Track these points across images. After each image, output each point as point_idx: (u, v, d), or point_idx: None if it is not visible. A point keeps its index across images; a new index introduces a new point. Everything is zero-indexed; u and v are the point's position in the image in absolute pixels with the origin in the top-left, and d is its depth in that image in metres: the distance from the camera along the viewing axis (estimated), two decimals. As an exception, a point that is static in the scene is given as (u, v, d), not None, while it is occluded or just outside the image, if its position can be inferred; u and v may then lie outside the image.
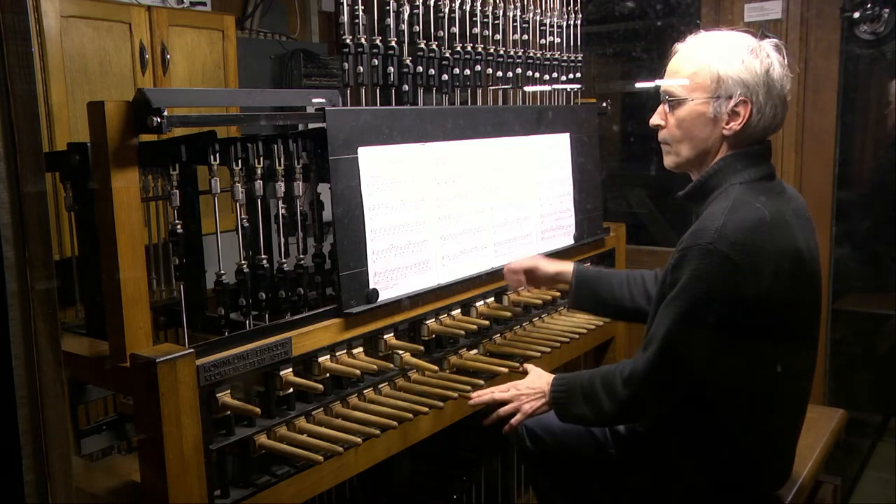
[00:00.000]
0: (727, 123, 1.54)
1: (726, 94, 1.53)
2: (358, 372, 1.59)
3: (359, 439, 1.50)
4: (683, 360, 1.50)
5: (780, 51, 1.56)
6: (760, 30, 3.19)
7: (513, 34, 2.19)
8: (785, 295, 1.48)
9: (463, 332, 1.92)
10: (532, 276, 1.97)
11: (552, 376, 1.71)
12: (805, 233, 1.55)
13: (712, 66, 1.54)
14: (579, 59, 2.48)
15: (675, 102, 1.59)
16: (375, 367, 1.62)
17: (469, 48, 2.02)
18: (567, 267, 1.95)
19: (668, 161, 1.66)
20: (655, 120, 1.65)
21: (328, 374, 1.60)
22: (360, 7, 1.72)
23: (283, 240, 1.63)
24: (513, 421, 1.69)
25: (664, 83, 1.63)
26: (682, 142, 1.61)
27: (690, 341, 1.48)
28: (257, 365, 1.46)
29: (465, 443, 2.39)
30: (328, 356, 1.60)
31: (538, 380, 1.73)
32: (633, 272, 1.98)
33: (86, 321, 1.61)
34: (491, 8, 2.09)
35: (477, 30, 2.04)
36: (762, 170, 1.57)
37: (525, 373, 1.80)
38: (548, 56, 2.34)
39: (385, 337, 1.73)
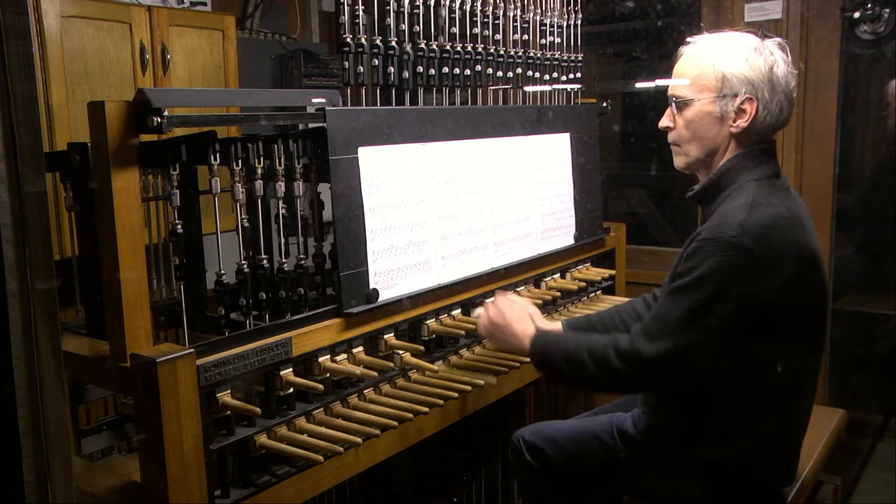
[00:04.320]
0: (734, 121, 1.56)
1: (731, 92, 1.54)
2: (358, 372, 1.59)
3: (359, 439, 1.50)
4: (693, 350, 1.48)
5: (783, 49, 1.58)
6: (761, 30, 3.20)
7: (513, 34, 2.19)
8: (800, 293, 1.49)
9: (463, 332, 1.92)
10: None
11: (534, 331, 1.72)
12: (813, 232, 1.56)
13: (716, 66, 1.55)
14: (579, 59, 2.48)
15: (682, 104, 1.61)
16: (376, 374, 1.62)
17: (469, 48, 2.02)
18: (554, 325, 1.94)
19: (678, 162, 1.68)
20: (664, 122, 1.68)
21: (328, 374, 1.60)
22: (361, 7, 1.72)
23: (283, 240, 1.63)
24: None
25: (671, 83, 1.65)
26: (690, 142, 1.63)
27: (703, 333, 1.47)
28: (257, 365, 1.46)
29: (465, 443, 2.39)
30: (328, 356, 1.60)
31: (518, 324, 1.74)
32: (621, 304, 1.99)
33: (86, 321, 1.61)
34: (491, 8, 2.09)
35: (477, 30, 2.04)
36: (771, 167, 1.59)
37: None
38: (548, 56, 2.34)
39: (385, 337, 1.73)
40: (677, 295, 1.49)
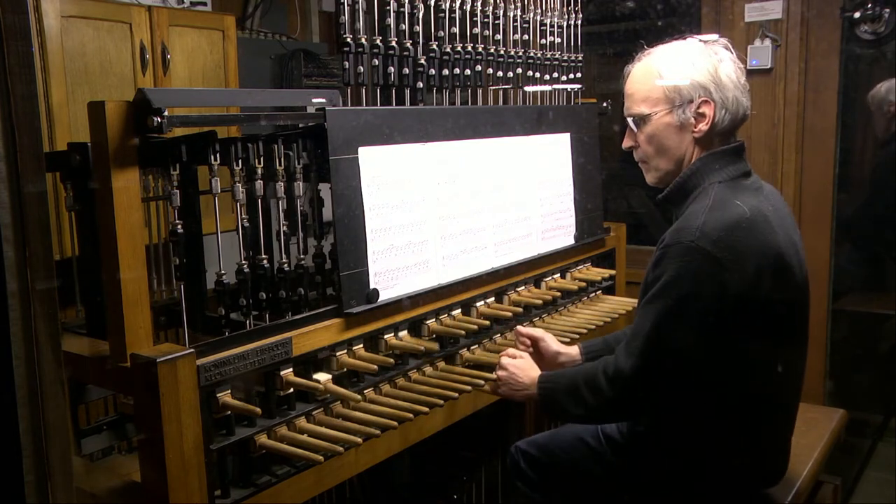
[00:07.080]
0: (695, 127, 1.58)
1: (686, 99, 1.57)
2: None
3: (359, 439, 1.50)
4: (669, 359, 1.50)
5: (728, 48, 1.61)
6: (761, 29, 3.20)
7: (513, 34, 2.19)
8: (768, 292, 1.48)
9: (463, 332, 1.92)
10: (537, 347, 1.94)
11: (539, 373, 1.73)
12: (786, 229, 1.56)
13: (665, 77, 1.58)
14: (579, 59, 2.48)
15: (640, 120, 1.63)
16: (375, 367, 1.62)
17: (469, 48, 2.02)
18: (572, 349, 1.93)
19: (650, 178, 1.70)
20: (627, 143, 1.70)
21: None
22: (361, 7, 1.72)
23: (283, 240, 1.63)
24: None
25: (626, 105, 1.67)
26: (657, 156, 1.64)
27: (675, 340, 1.48)
28: (258, 365, 1.46)
29: (465, 443, 2.39)
30: (328, 356, 1.60)
31: (523, 373, 1.75)
32: None
33: (86, 321, 1.61)
34: (491, 8, 2.09)
35: (477, 30, 2.04)
36: (739, 168, 1.59)
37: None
38: (548, 56, 2.34)
39: (385, 337, 1.73)
40: (649, 306, 1.51)
